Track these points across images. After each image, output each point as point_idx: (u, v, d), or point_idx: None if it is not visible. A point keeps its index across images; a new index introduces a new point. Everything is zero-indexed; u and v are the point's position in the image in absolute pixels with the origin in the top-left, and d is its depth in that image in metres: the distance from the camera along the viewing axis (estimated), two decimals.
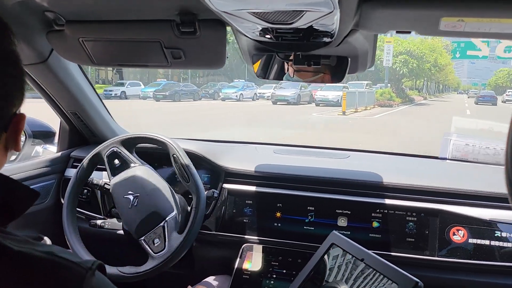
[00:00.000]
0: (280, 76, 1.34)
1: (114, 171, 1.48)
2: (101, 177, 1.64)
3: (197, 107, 19.27)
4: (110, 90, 22.12)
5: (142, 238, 1.38)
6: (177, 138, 1.65)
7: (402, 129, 13.00)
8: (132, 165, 1.47)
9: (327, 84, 16.07)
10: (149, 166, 1.50)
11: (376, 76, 35.29)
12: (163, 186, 1.44)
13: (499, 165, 1.67)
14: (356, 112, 17.59)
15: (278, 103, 21.03)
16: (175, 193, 1.46)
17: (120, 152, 1.48)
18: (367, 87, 23.75)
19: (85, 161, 1.51)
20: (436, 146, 1.86)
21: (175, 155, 1.44)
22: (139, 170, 1.46)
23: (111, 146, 1.49)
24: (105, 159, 1.49)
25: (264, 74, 1.34)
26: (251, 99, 23.72)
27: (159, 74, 35.71)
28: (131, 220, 1.40)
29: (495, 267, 1.30)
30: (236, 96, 23.39)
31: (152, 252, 1.36)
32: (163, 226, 1.37)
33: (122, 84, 23.76)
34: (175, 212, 1.40)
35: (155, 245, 1.36)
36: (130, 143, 1.52)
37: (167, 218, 1.38)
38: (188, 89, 23.91)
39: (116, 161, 1.48)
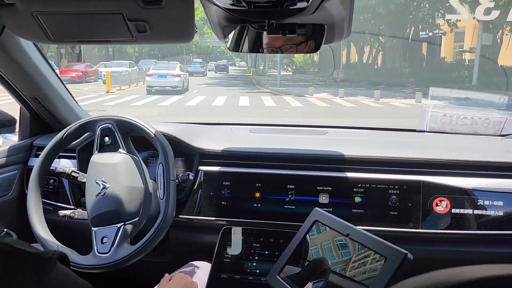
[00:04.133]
0: (254, 48, 1.27)
1: (101, 148, 1.37)
2: (67, 166, 1.54)
3: None
4: None
5: (95, 229, 1.29)
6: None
7: None
8: (120, 150, 1.36)
9: None
10: (138, 158, 1.38)
11: None
12: (140, 188, 1.32)
13: (477, 134, 1.66)
14: None
15: None
16: (152, 198, 1.35)
17: (115, 131, 1.37)
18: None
19: (49, 146, 1.40)
20: None
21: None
22: (123, 160, 1.34)
23: (106, 121, 1.38)
24: (98, 131, 1.37)
25: (237, 47, 1.27)
26: None
27: None
28: (93, 207, 1.31)
29: (480, 235, 1.29)
30: None
31: (95, 249, 1.27)
32: (118, 230, 1.27)
33: None
34: (137, 219, 1.29)
35: (103, 243, 1.26)
36: (125, 127, 1.39)
37: (126, 223, 1.27)
38: None
39: (107, 139, 1.37)
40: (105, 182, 1.31)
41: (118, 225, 1.28)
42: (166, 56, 36.26)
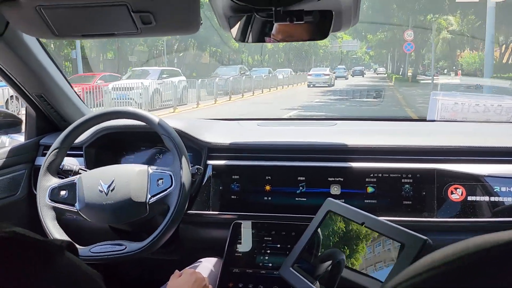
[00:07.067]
0: (261, 38, 1.25)
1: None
2: (74, 163, 1.52)
3: None
4: None
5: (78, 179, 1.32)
6: None
7: None
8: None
9: None
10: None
11: None
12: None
13: (490, 122, 1.62)
14: None
15: None
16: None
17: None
18: None
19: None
20: None
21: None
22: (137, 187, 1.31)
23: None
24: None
25: (243, 37, 1.25)
26: None
27: None
28: (84, 186, 1.31)
29: (497, 223, 1.26)
30: None
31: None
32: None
33: None
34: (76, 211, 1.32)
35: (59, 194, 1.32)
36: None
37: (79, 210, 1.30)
38: None
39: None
40: (109, 189, 1.28)
41: (74, 208, 1.30)
42: (288, 64, 33.34)
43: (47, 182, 1.35)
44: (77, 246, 1.27)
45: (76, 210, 1.30)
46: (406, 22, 23.84)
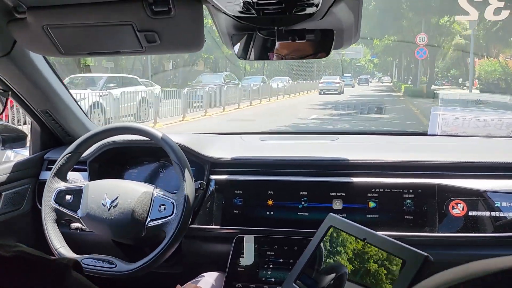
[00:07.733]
0: (263, 55, 1.27)
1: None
2: (78, 178, 1.54)
3: None
4: None
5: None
6: None
7: None
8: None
9: None
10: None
11: None
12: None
13: (490, 136, 1.64)
14: None
15: None
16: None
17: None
18: None
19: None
20: None
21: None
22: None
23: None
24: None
25: (246, 54, 1.28)
26: None
27: None
28: (88, 199, 1.32)
29: (498, 238, 1.27)
30: None
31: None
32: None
33: None
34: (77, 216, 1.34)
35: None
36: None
37: (79, 216, 1.33)
38: None
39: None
40: (112, 205, 1.29)
41: (75, 214, 1.33)
42: (292, 73, 31.19)
43: (55, 184, 1.37)
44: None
45: (77, 217, 1.33)
46: (418, 25, 22.33)
